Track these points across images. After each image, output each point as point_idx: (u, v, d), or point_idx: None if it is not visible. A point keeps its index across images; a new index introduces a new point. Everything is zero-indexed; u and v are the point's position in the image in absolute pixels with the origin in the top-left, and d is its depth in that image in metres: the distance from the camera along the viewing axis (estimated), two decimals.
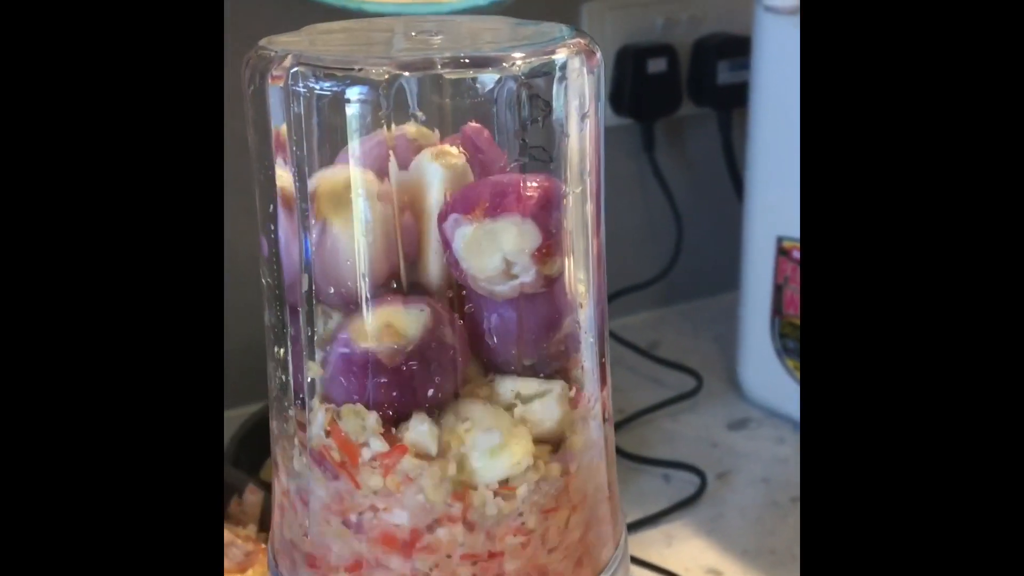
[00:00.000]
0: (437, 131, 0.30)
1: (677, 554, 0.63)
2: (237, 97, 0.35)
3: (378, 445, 0.28)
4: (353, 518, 0.28)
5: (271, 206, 0.29)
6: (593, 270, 0.30)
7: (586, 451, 0.29)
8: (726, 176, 0.89)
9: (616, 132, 0.86)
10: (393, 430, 0.28)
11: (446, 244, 0.28)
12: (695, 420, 0.78)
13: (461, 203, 0.28)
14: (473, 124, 0.29)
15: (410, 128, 0.29)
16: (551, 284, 0.29)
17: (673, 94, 0.85)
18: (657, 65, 0.83)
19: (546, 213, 0.28)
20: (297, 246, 0.29)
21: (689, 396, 0.80)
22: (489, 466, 0.27)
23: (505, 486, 0.27)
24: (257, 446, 0.69)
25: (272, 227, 0.29)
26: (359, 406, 0.28)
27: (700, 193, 0.92)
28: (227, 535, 0.58)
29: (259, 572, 0.56)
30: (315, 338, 0.29)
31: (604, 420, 0.31)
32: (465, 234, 0.28)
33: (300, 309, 0.29)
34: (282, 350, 0.30)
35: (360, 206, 0.28)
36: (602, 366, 0.31)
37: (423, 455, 0.27)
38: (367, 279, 0.28)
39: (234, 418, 0.74)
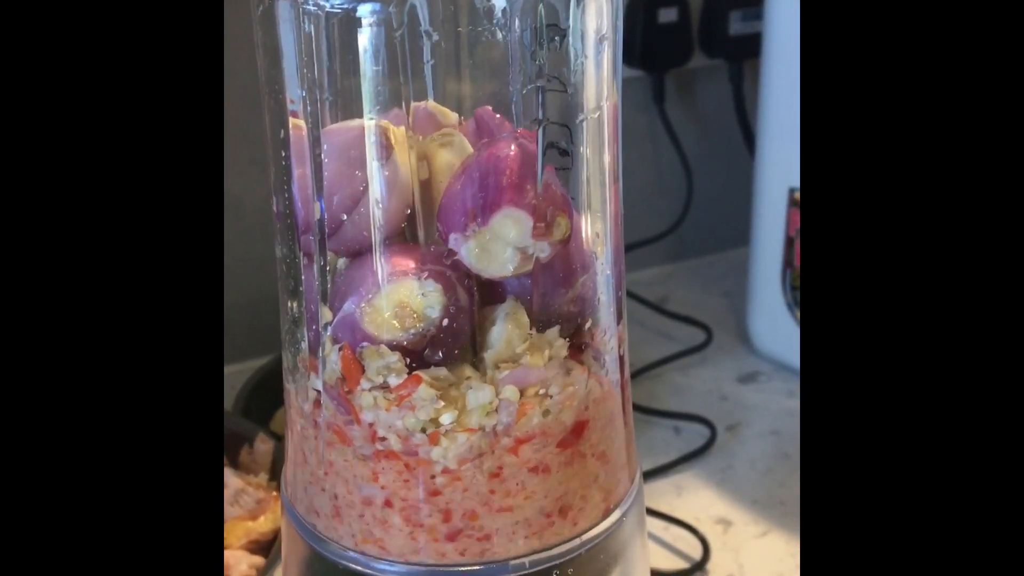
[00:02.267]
0: (456, 114, 0.30)
1: (687, 504, 0.63)
2: (238, 43, 0.34)
3: (396, 380, 0.28)
4: (366, 451, 0.28)
5: (281, 131, 0.28)
6: (609, 198, 0.30)
7: (604, 398, 0.29)
8: (737, 129, 0.88)
9: (626, 84, 0.85)
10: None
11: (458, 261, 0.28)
12: (704, 374, 0.78)
13: (451, 221, 0.28)
14: (486, 108, 0.29)
15: (429, 104, 0.30)
16: (567, 242, 0.29)
17: (684, 45, 0.84)
18: (668, 15, 0.82)
19: (525, 188, 0.27)
20: (309, 182, 0.28)
21: (699, 349, 0.80)
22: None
23: (521, 399, 0.27)
24: (266, 398, 0.70)
25: (283, 154, 0.29)
26: (382, 347, 0.28)
27: (711, 146, 0.91)
28: (239, 483, 0.58)
29: (271, 519, 0.56)
30: (328, 285, 0.29)
31: (620, 355, 0.30)
32: (470, 249, 0.28)
33: (314, 249, 0.29)
34: (292, 283, 0.30)
35: (374, 157, 0.27)
36: (618, 300, 0.30)
37: (438, 384, 0.27)
38: (380, 231, 0.28)
39: (244, 371, 0.74)
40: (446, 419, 0.27)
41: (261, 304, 0.81)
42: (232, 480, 0.58)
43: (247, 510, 0.57)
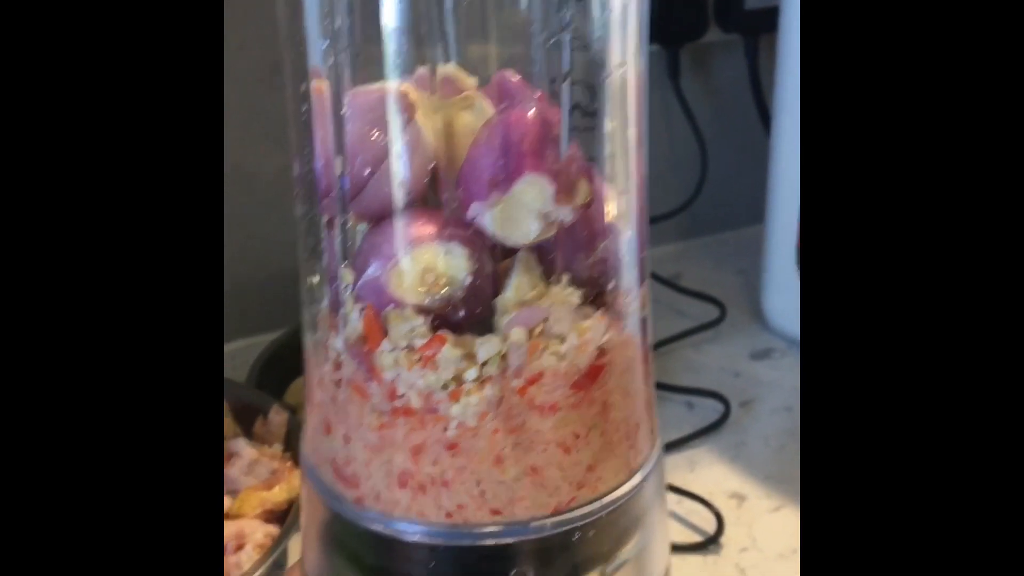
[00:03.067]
0: (475, 78, 0.30)
1: (700, 478, 0.63)
2: (251, 18, 0.33)
3: (420, 343, 0.27)
4: (384, 408, 0.28)
5: (303, 85, 0.28)
6: (633, 160, 0.29)
7: (622, 345, 0.29)
8: (753, 105, 0.87)
9: None
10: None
11: (479, 228, 0.28)
12: (718, 350, 0.78)
13: (473, 190, 0.27)
14: (507, 71, 0.29)
15: (449, 68, 0.30)
16: (588, 206, 0.28)
17: (699, 19, 0.83)
18: None
19: (546, 153, 0.27)
20: (330, 143, 0.28)
21: (712, 326, 0.79)
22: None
23: (531, 340, 0.27)
24: (280, 371, 0.70)
25: (304, 108, 0.28)
26: (407, 310, 0.27)
27: (726, 122, 0.90)
28: (254, 453, 0.58)
29: (285, 488, 0.56)
30: (348, 245, 0.29)
31: (642, 317, 0.30)
32: (493, 217, 0.27)
33: (335, 210, 0.28)
34: (313, 243, 0.30)
35: (397, 117, 0.27)
36: (641, 262, 0.30)
37: (462, 343, 0.27)
38: (403, 195, 0.28)
39: (257, 344, 0.74)
40: (469, 375, 0.27)
41: (275, 278, 0.82)
42: (246, 450, 0.58)
43: (262, 480, 0.57)
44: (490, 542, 0.28)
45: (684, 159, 0.88)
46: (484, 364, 0.27)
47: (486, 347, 0.27)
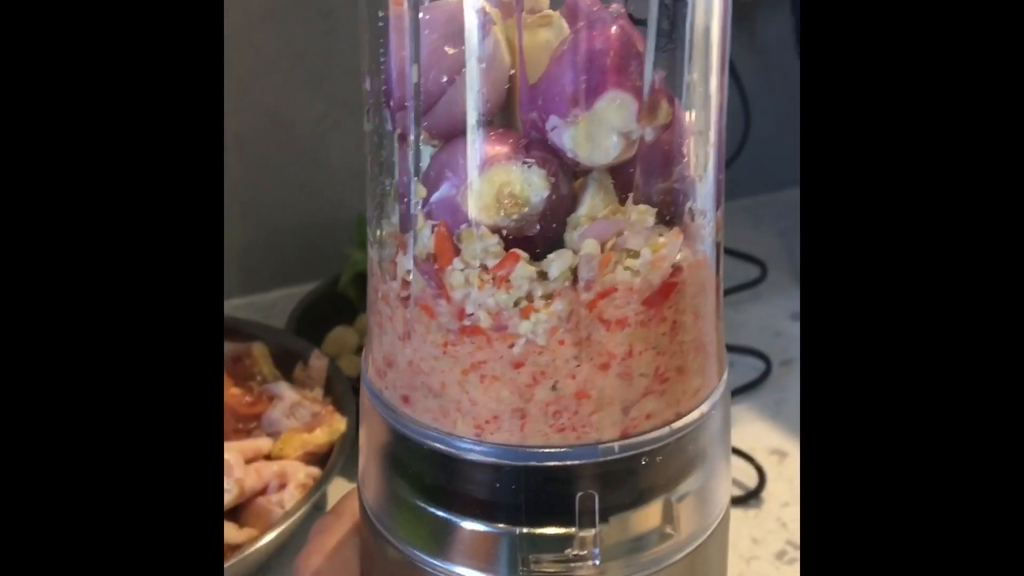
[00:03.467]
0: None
1: (741, 435, 0.63)
2: None
3: (493, 262, 0.27)
4: (453, 326, 0.27)
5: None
6: (715, 78, 0.29)
7: (697, 266, 0.28)
8: (798, 62, 0.86)
9: None
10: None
11: (556, 148, 0.27)
12: (758, 310, 0.77)
13: (552, 106, 0.27)
14: None
15: None
16: (669, 126, 0.28)
17: None
18: None
19: (629, 70, 0.26)
20: (407, 54, 0.27)
21: (752, 285, 0.79)
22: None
23: (604, 253, 0.27)
24: (318, 321, 0.70)
25: (380, 15, 0.28)
26: (482, 228, 0.27)
27: (770, 80, 0.89)
28: (295, 396, 0.58)
29: (326, 431, 0.56)
30: (419, 162, 0.28)
31: (717, 241, 0.29)
32: (573, 136, 0.27)
33: (409, 124, 0.28)
34: (383, 156, 0.29)
35: (475, 29, 0.26)
36: (718, 183, 0.29)
37: (535, 262, 0.27)
38: (478, 112, 0.27)
39: (295, 294, 0.74)
40: (539, 291, 0.27)
41: (313, 228, 0.81)
42: (288, 393, 0.58)
43: (303, 423, 0.57)
44: (555, 463, 0.28)
45: (726, 118, 0.87)
46: (554, 279, 0.27)
47: (558, 261, 0.27)
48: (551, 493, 0.28)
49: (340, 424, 0.56)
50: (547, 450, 0.28)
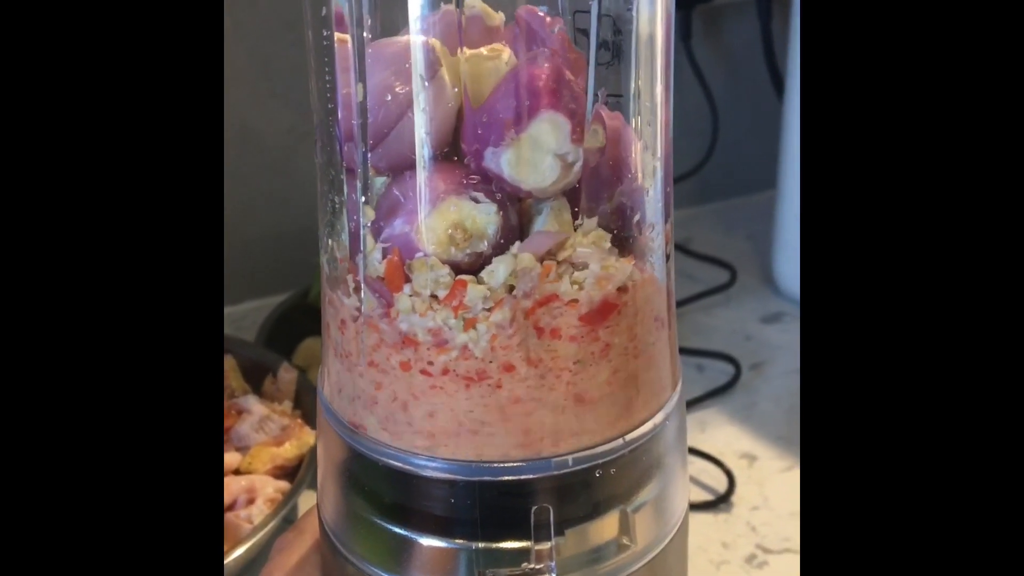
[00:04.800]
0: (502, 14, 0.29)
1: (712, 439, 0.63)
2: None
3: (443, 292, 0.27)
4: (395, 339, 0.27)
5: (325, 32, 0.27)
6: (660, 90, 0.29)
7: (643, 284, 0.29)
8: (765, 68, 0.86)
9: None
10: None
11: (495, 176, 0.27)
12: (728, 314, 0.78)
13: (490, 133, 0.27)
14: (529, 7, 0.28)
15: (478, 2, 0.29)
16: (603, 150, 0.28)
17: None
18: None
19: (562, 92, 0.26)
20: (353, 92, 0.27)
21: (723, 289, 0.79)
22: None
23: (544, 263, 0.27)
24: (288, 332, 0.69)
25: (326, 61, 0.28)
26: (432, 259, 0.27)
27: (737, 85, 0.89)
28: (264, 410, 0.58)
29: (295, 445, 0.56)
30: (369, 194, 0.28)
31: (666, 254, 0.30)
32: (509, 160, 0.27)
33: (356, 158, 0.28)
34: (332, 175, 0.29)
35: (420, 72, 0.26)
36: (666, 196, 0.30)
37: (483, 281, 0.27)
38: (427, 147, 0.27)
39: (266, 306, 0.74)
40: (480, 304, 0.27)
41: (282, 239, 0.81)
42: (257, 407, 0.58)
43: (272, 436, 0.57)
44: (509, 477, 0.28)
45: (695, 123, 0.87)
46: (496, 289, 0.27)
47: (495, 274, 0.27)
48: (506, 507, 0.28)
49: (309, 437, 0.56)
50: (501, 464, 0.28)
